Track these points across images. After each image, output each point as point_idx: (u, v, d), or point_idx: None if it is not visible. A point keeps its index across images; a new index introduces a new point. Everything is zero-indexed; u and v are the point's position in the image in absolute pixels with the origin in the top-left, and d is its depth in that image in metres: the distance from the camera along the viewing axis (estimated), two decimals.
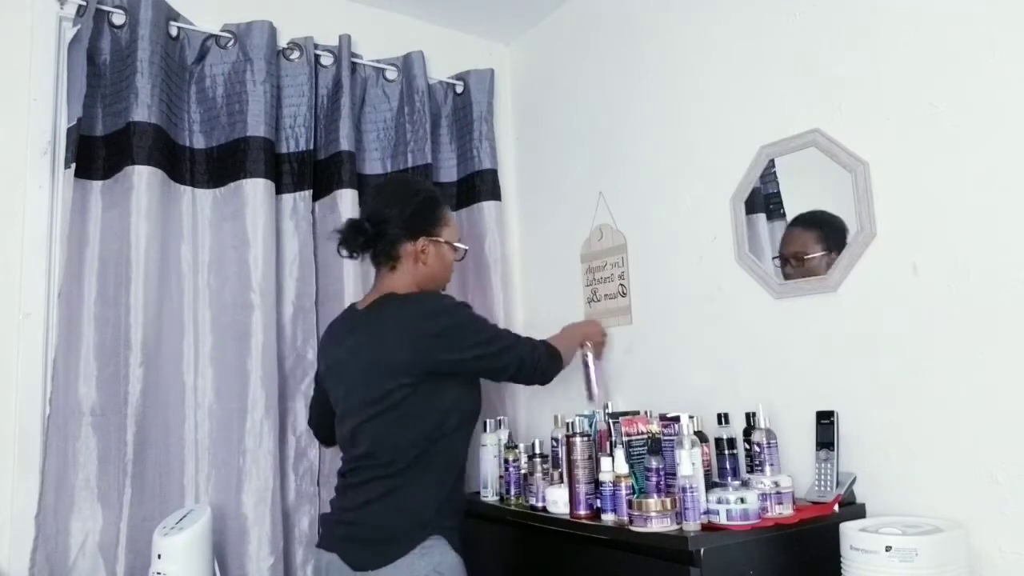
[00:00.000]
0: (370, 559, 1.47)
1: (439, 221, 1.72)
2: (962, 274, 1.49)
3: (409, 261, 1.67)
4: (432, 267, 1.70)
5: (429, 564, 1.46)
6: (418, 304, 1.60)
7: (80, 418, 1.85)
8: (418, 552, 1.46)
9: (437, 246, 1.70)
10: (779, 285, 1.81)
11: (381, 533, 1.49)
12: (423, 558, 1.46)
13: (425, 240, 1.68)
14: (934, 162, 1.54)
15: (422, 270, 1.68)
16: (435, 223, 1.71)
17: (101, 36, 1.99)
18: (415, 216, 1.68)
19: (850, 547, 1.38)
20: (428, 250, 1.68)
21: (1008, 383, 1.41)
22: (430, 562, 1.46)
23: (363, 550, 1.49)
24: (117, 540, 1.79)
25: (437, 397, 1.56)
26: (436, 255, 1.70)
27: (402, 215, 1.67)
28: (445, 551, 1.50)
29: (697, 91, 2.06)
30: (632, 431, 1.71)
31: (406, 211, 1.68)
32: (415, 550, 1.46)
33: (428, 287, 1.70)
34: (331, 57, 2.31)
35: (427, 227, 1.69)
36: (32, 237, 1.87)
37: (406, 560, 1.45)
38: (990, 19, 1.47)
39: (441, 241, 1.71)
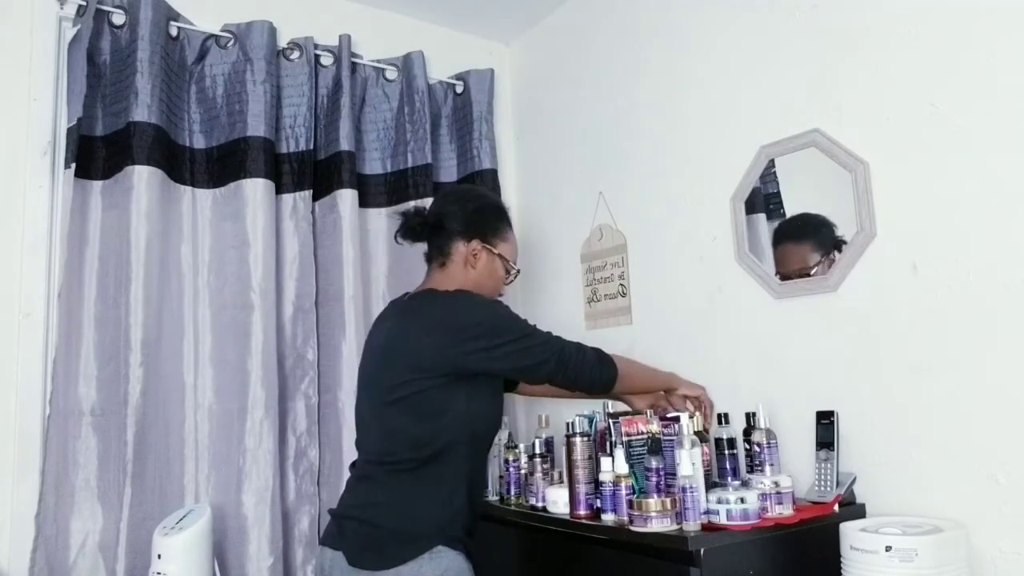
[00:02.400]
0: (375, 560, 1.43)
1: (498, 233, 1.69)
2: (962, 274, 1.49)
3: (459, 262, 1.64)
4: (480, 275, 1.65)
5: (436, 570, 1.42)
6: (452, 300, 1.57)
7: (80, 418, 1.85)
8: (426, 557, 1.42)
9: (490, 256, 1.66)
10: (779, 285, 1.81)
11: (389, 535, 1.45)
12: (430, 563, 1.42)
13: (479, 244, 1.64)
14: (934, 162, 1.54)
15: (471, 275, 1.64)
16: (494, 232, 1.68)
17: (101, 36, 1.99)
18: (475, 217, 1.66)
19: (850, 547, 1.38)
20: (480, 256, 1.64)
21: (1008, 383, 1.41)
22: (436, 568, 1.42)
23: (370, 550, 1.45)
24: (117, 540, 1.79)
25: (456, 399, 1.50)
26: (487, 264, 1.66)
27: (462, 213, 1.66)
28: (455, 557, 1.45)
29: (697, 91, 2.06)
30: (632, 431, 1.71)
31: (467, 210, 1.67)
32: (423, 555, 1.42)
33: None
34: (331, 57, 2.31)
35: (484, 233, 1.66)
36: (32, 237, 1.87)
37: (412, 565, 1.41)
38: (990, 19, 1.47)
39: (495, 252, 1.67)
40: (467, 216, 1.66)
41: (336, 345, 2.16)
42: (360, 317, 2.17)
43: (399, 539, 1.44)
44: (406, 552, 1.42)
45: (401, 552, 1.42)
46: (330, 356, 2.16)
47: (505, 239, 1.71)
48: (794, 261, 1.79)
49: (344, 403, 2.12)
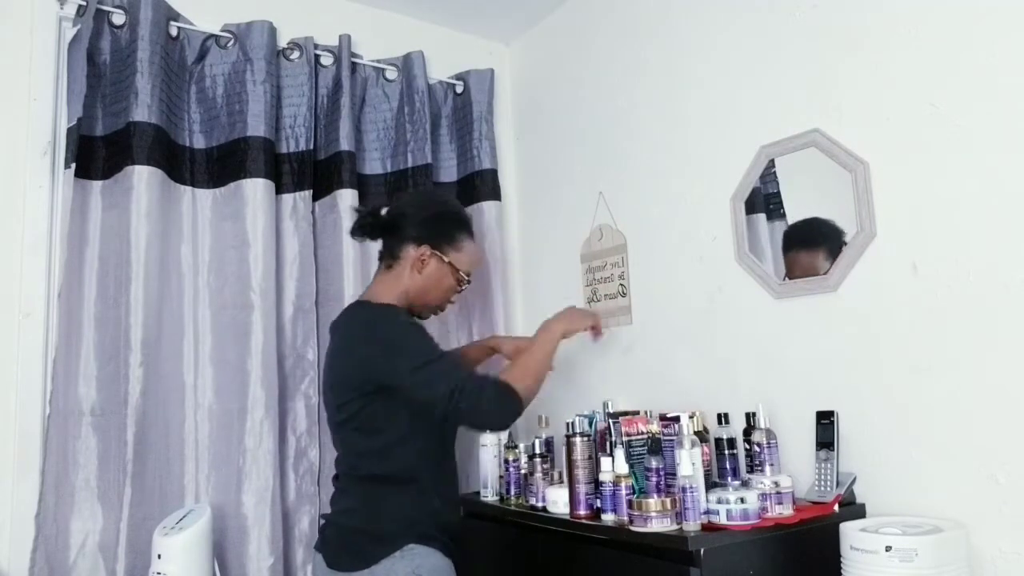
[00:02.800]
0: (350, 561, 1.49)
1: (453, 241, 1.67)
2: (962, 274, 1.49)
3: (406, 265, 1.64)
4: (426, 282, 1.65)
5: (409, 566, 1.46)
6: (368, 317, 1.58)
7: (80, 418, 1.85)
8: (398, 555, 1.46)
9: (440, 263, 1.65)
10: (779, 285, 1.81)
11: (362, 536, 1.50)
12: (403, 560, 1.46)
13: (428, 250, 1.64)
14: (934, 162, 1.54)
15: (416, 280, 1.64)
16: (447, 240, 1.66)
17: (101, 36, 1.99)
18: (429, 222, 1.66)
19: (850, 547, 1.38)
20: (428, 262, 1.64)
21: (1008, 383, 1.41)
22: (410, 564, 1.46)
23: (344, 552, 1.52)
24: (117, 540, 1.79)
25: (399, 409, 1.51)
26: (435, 272, 1.65)
27: (417, 217, 1.66)
28: (429, 555, 1.49)
29: (697, 91, 2.06)
30: (632, 431, 1.71)
31: (423, 214, 1.67)
32: (396, 553, 1.46)
33: (417, 302, 1.67)
34: (331, 57, 2.31)
35: (436, 239, 1.65)
36: (32, 237, 1.87)
37: (385, 564, 1.45)
38: (990, 19, 1.47)
39: (445, 260, 1.66)
40: (421, 220, 1.66)
41: None
42: None
43: (371, 540, 1.48)
44: (379, 552, 1.46)
45: (374, 552, 1.47)
46: None
47: (459, 248, 1.68)
48: (806, 268, 1.76)
49: None
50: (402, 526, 1.49)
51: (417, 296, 1.66)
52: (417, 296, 1.66)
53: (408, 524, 1.49)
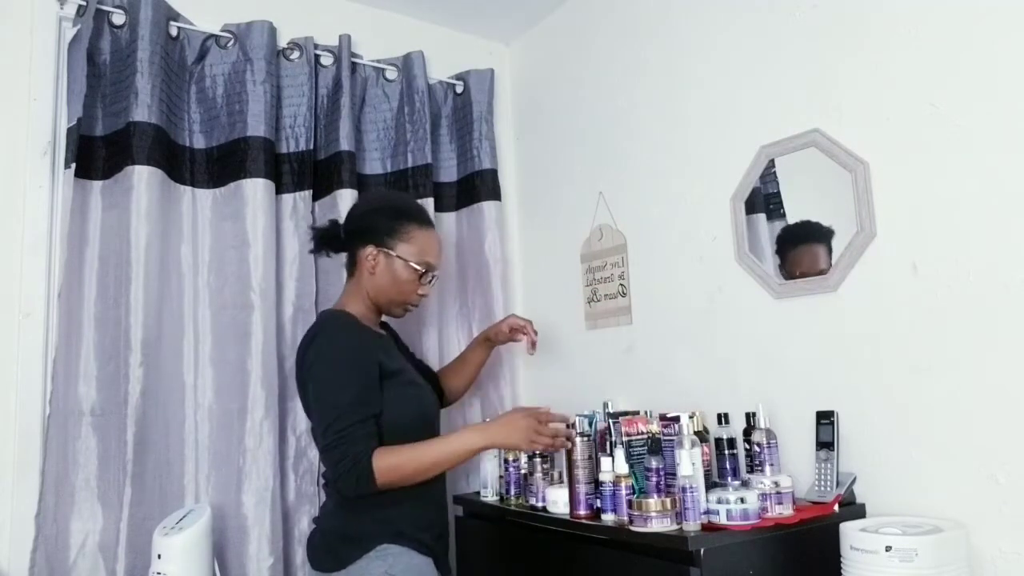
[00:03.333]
0: (330, 563, 1.52)
1: (396, 233, 1.66)
2: (962, 274, 1.49)
3: (362, 270, 1.66)
4: (380, 280, 1.65)
5: (382, 566, 1.47)
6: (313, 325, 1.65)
7: (80, 418, 1.84)
8: (372, 555, 1.48)
9: (388, 259, 1.65)
10: (779, 285, 1.81)
11: (338, 538, 1.53)
12: (377, 560, 1.48)
13: (374, 249, 1.64)
14: (934, 162, 1.54)
15: (372, 281, 1.66)
16: (389, 233, 1.65)
17: (101, 36, 1.99)
18: (364, 221, 1.68)
19: (850, 547, 1.38)
20: (378, 260, 1.65)
21: (1008, 383, 1.41)
22: (382, 564, 1.47)
23: (324, 554, 1.55)
24: (117, 540, 1.79)
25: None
26: (387, 270, 1.65)
27: (353, 219, 1.69)
28: (402, 554, 1.50)
29: (697, 91, 2.06)
30: (632, 431, 1.71)
31: (364, 216, 1.68)
32: (369, 553, 1.48)
33: (380, 301, 1.69)
34: (331, 57, 2.30)
35: (378, 236, 1.65)
36: (32, 237, 1.87)
37: (359, 564, 1.48)
38: (990, 19, 1.47)
39: (393, 255, 1.65)
40: (358, 221, 1.68)
41: None
42: None
43: (346, 541, 1.51)
44: (353, 552, 1.49)
45: (349, 553, 1.49)
46: None
47: (406, 239, 1.66)
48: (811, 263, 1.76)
49: None
50: (376, 526, 1.50)
51: (377, 296, 1.67)
52: (377, 296, 1.67)
53: (382, 524, 1.50)
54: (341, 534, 1.53)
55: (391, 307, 1.71)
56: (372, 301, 1.68)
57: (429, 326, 2.38)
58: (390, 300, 1.69)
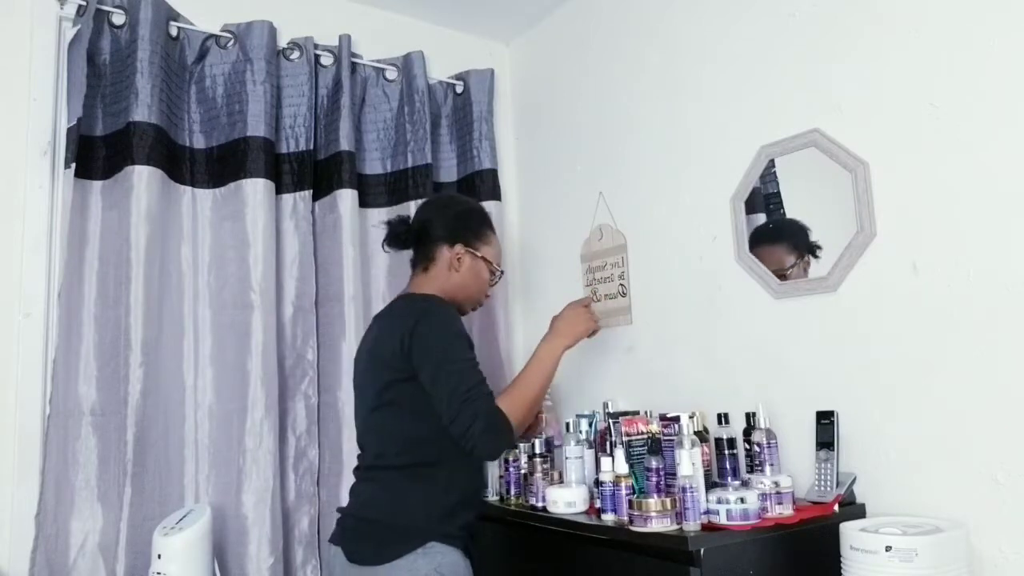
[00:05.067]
0: (371, 555, 1.48)
1: (481, 236, 1.74)
2: (962, 274, 1.49)
3: (443, 266, 1.69)
4: (464, 278, 1.70)
5: (430, 564, 1.46)
6: (417, 302, 1.62)
7: (80, 418, 1.85)
8: (420, 552, 1.46)
9: (474, 259, 1.71)
10: (779, 285, 1.81)
11: (384, 530, 1.50)
12: (424, 557, 1.46)
13: (462, 248, 1.70)
14: (934, 162, 1.54)
15: (454, 278, 1.69)
16: (476, 236, 1.73)
17: (101, 36, 1.99)
18: (457, 222, 1.71)
19: (850, 547, 1.38)
20: (463, 259, 1.69)
21: (1008, 383, 1.41)
22: (431, 562, 1.46)
23: (365, 546, 1.51)
24: (117, 540, 1.79)
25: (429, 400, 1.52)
26: (471, 267, 1.71)
27: (444, 219, 1.71)
28: (449, 553, 1.49)
29: (697, 91, 2.06)
30: (632, 431, 1.71)
31: (449, 215, 1.72)
32: (418, 550, 1.46)
33: (458, 297, 1.70)
34: (331, 57, 2.31)
35: (467, 236, 1.71)
36: (32, 237, 1.88)
37: (407, 559, 1.45)
38: (990, 19, 1.47)
39: (478, 255, 1.72)
40: (450, 221, 1.71)
41: (336, 345, 2.16)
42: (360, 317, 2.17)
43: (393, 535, 1.48)
44: (400, 548, 1.46)
45: (396, 548, 1.46)
46: (330, 356, 2.17)
47: (488, 242, 1.75)
48: (771, 262, 1.83)
49: (344, 403, 2.12)
50: (426, 522, 1.49)
51: (457, 292, 1.70)
52: (457, 292, 1.70)
53: (432, 521, 1.49)
54: (387, 526, 1.50)
55: (466, 303, 1.75)
56: (448, 296, 1.68)
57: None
58: (468, 297, 1.73)
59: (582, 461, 1.76)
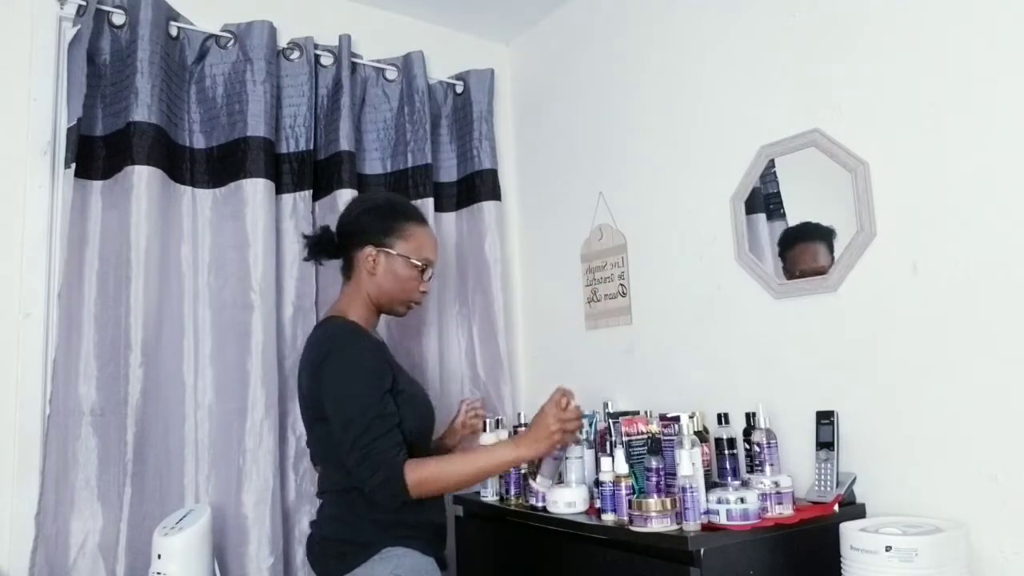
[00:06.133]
0: (332, 567, 1.51)
1: (393, 231, 1.63)
2: (962, 274, 1.49)
3: (361, 272, 1.62)
4: (382, 281, 1.62)
5: (386, 568, 1.46)
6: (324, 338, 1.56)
7: (80, 418, 1.84)
8: (376, 559, 1.47)
9: (388, 258, 1.62)
10: (779, 285, 1.81)
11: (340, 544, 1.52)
12: (382, 563, 1.47)
13: (373, 249, 1.61)
14: (934, 162, 1.54)
15: (372, 282, 1.62)
16: (387, 232, 1.63)
17: (101, 36, 1.99)
18: (365, 223, 1.64)
19: (850, 547, 1.38)
20: (378, 260, 1.61)
21: (1008, 383, 1.41)
22: (388, 565, 1.47)
23: (326, 559, 1.55)
24: (117, 540, 1.79)
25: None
26: (386, 267, 1.62)
27: (349, 220, 1.65)
28: (407, 554, 1.49)
29: (697, 91, 2.06)
30: (632, 431, 1.71)
31: (359, 218, 1.65)
32: (374, 558, 1.47)
33: (382, 301, 1.65)
34: (331, 57, 2.30)
35: (376, 236, 1.62)
36: (32, 237, 1.87)
37: (365, 567, 1.47)
38: (990, 19, 1.47)
39: (393, 253, 1.62)
40: (354, 222, 1.65)
41: None
42: None
43: (351, 546, 1.50)
44: (357, 558, 1.48)
45: (353, 558, 1.48)
46: None
47: (403, 236, 1.64)
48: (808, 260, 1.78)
49: None
50: (379, 529, 1.49)
51: (379, 296, 1.64)
52: (379, 296, 1.64)
53: (385, 527, 1.49)
54: (343, 539, 1.52)
55: (394, 306, 1.67)
56: (374, 302, 1.64)
57: (429, 327, 2.38)
58: (392, 299, 1.66)
59: (582, 461, 1.76)
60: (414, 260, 1.64)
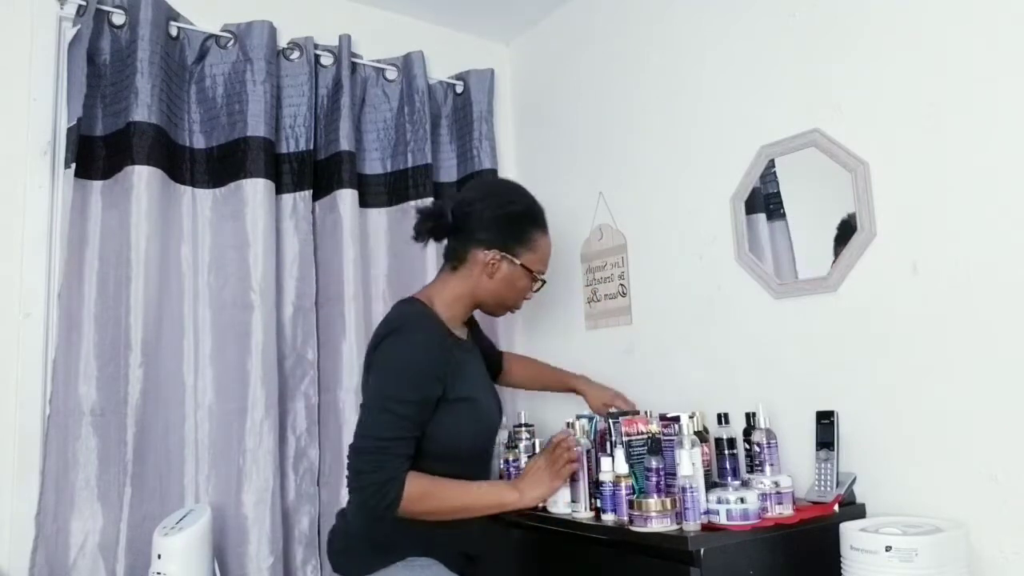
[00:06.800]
0: (353, 568, 1.47)
1: (525, 241, 1.55)
2: (962, 274, 1.49)
3: (475, 268, 1.53)
4: (498, 286, 1.54)
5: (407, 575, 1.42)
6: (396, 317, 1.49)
7: (80, 418, 1.84)
8: (401, 564, 1.42)
9: (511, 266, 1.54)
10: (779, 285, 1.81)
11: (363, 544, 1.47)
12: (405, 569, 1.42)
13: (498, 254, 1.52)
14: (934, 162, 1.54)
15: (485, 284, 1.53)
16: (519, 241, 1.54)
17: (101, 36, 1.99)
18: (500, 223, 1.53)
19: (850, 547, 1.38)
20: (499, 266, 1.53)
21: (1008, 383, 1.41)
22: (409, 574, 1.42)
23: (346, 559, 1.50)
24: (117, 540, 1.79)
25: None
26: (507, 276, 1.54)
27: (487, 216, 1.53)
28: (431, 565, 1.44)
29: (697, 91, 2.06)
30: (632, 431, 1.71)
31: (494, 214, 1.53)
32: (397, 564, 1.42)
33: (488, 303, 1.58)
34: (331, 57, 2.31)
35: (508, 242, 1.53)
36: (32, 237, 1.87)
37: (387, 571, 1.42)
38: (990, 19, 1.47)
39: (517, 263, 1.54)
40: (492, 221, 1.53)
41: (336, 345, 2.16)
42: (360, 317, 2.17)
43: (373, 547, 1.45)
44: (377, 561, 1.43)
45: (373, 561, 1.44)
46: (330, 356, 2.16)
47: (533, 248, 1.57)
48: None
49: (344, 403, 2.12)
50: (405, 537, 1.44)
51: (487, 298, 1.57)
52: (487, 298, 1.57)
53: (412, 536, 1.43)
54: (368, 540, 1.46)
55: (497, 309, 1.62)
56: (475, 301, 1.57)
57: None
58: (500, 303, 1.59)
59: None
60: (536, 274, 1.59)
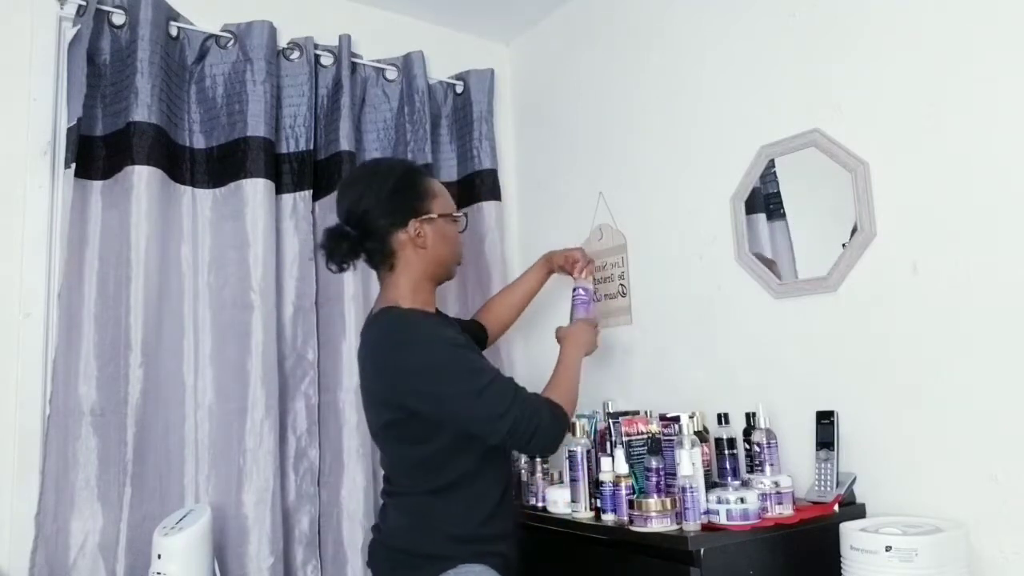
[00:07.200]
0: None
1: (426, 195, 1.51)
2: (962, 274, 1.49)
3: (407, 251, 1.48)
4: (436, 250, 1.51)
5: None
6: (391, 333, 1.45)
7: (80, 418, 1.84)
8: (452, 572, 1.38)
9: (433, 224, 1.50)
10: (779, 285, 1.81)
11: (411, 557, 1.43)
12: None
13: (417, 222, 1.48)
14: (934, 162, 1.54)
15: (425, 256, 1.49)
16: (419, 198, 1.50)
17: (101, 36, 1.99)
18: (395, 199, 1.48)
19: (850, 547, 1.38)
20: (423, 231, 1.48)
21: (1008, 383, 1.41)
22: None
23: (392, 570, 1.46)
24: (117, 540, 1.79)
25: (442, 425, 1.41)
26: (436, 235, 1.50)
27: (381, 202, 1.47)
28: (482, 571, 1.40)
29: (697, 91, 2.06)
30: (632, 431, 1.71)
31: (384, 195, 1.48)
32: (449, 571, 1.38)
33: (439, 271, 1.55)
34: (331, 57, 2.30)
35: (412, 206, 1.49)
36: (32, 237, 1.87)
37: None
38: (990, 19, 1.47)
39: (435, 217, 1.50)
40: (387, 202, 1.48)
41: (336, 345, 2.16)
42: (360, 317, 2.17)
43: (422, 559, 1.41)
44: (428, 571, 1.39)
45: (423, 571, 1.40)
46: (330, 356, 2.16)
47: (432, 196, 1.53)
48: None
49: (344, 403, 2.12)
50: (453, 544, 1.41)
51: (436, 268, 1.54)
52: (436, 268, 1.54)
53: (460, 542, 1.41)
54: (414, 552, 1.43)
55: (451, 269, 1.59)
56: (431, 278, 1.53)
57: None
58: (448, 264, 1.57)
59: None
60: (453, 214, 1.57)
